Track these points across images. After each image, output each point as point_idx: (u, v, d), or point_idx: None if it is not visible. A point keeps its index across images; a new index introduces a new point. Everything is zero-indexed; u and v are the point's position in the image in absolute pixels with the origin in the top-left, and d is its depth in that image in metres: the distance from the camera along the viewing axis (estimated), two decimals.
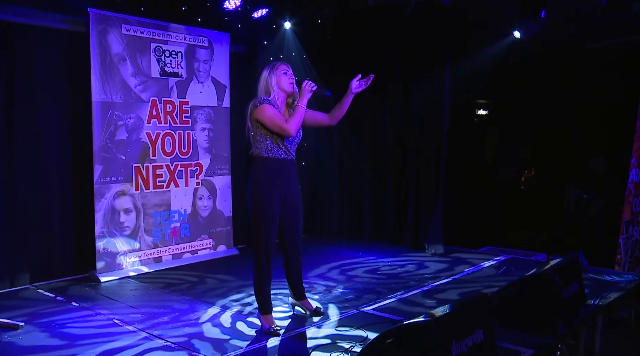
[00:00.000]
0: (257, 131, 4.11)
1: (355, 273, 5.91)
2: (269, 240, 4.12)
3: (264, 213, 4.09)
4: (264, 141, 4.10)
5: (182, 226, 6.44)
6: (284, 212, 4.22)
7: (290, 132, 4.03)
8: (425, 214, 6.94)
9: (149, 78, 6.06)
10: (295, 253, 4.40)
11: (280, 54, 7.23)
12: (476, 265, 6.18)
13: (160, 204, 6.22)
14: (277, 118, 4.04)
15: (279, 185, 4.14)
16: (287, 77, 4.17)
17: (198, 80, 6.54)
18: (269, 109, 4.05)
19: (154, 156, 6.13)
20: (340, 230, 7.83)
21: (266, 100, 4.08)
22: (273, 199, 4.10)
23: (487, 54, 6.72)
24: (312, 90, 4.12)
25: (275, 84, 4.13)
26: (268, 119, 4.03)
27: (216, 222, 6.80)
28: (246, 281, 5.52)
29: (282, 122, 4.03)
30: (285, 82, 4.16)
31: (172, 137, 6.30)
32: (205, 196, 6.67)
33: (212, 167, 6.72)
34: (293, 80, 4.20)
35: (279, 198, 4.14)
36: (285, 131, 4.03)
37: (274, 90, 4.12)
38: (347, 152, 7.63)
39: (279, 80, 4.14)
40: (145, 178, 6.08)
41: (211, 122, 6.67)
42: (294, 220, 4.30)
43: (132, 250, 5.99)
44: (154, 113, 6.13)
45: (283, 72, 4.16)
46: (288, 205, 4.23)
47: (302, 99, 4.10)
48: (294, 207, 4.27)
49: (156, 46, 6.14)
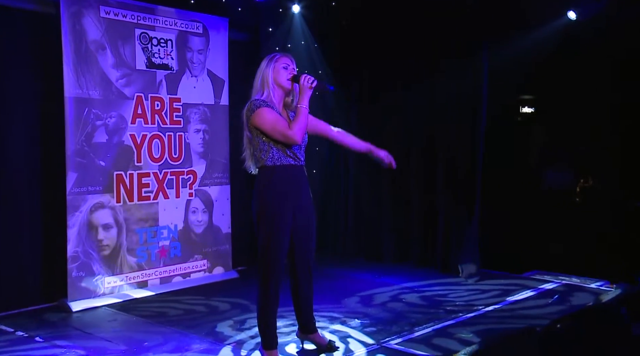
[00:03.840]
0: (259, 139, 4.16)
1: (376, 301, 5.96)
2: (277, 261, 4.15)
3: (272, 230, 4.12)
4: (269, 150, 4.15)
5: (171, 244, 6.46)
6: (295, 227, 4.25)
7: (295, 139, 4.09)
8: (457, 231, 6.92)
9: (133, 70, 6.06)
10: (306, 276, 4.40)
11: (288, 43, 7.27)
12: (520, 292, 6.20)
13: (146, 219, 6.23)
14: (279, 124, 4.09)
15: (290, 195, 4.19)
16: (287, 73, 4.21)
17: (191, 74, 6.56)
18: (268, 114, 4.10)
19: (139, 162, 6.14)
20: (357, 249, 7.88)
21: (263, 103, 4.13)
22: (284, 212, 4.15)
23: (534, 40, 6.65)
24: (312, 86, 4.15)
25: (272, 79, 4.18)
26: (269, 125, 4.09)
27: (212, 240, 6.81)
28: (247, 310, 5.59)
29: (285, 128, 4.08)
30: (283, 78, 4.21)
31: (161, 140, 6.31)
32: (200, 209, 6.69)
33: (207, 175, 6.73)
34: (290, 76, 4.25)
35: (290, 211, 4.19)
36: (290, 139, 4.09)
37: (269, 86, 4.18)
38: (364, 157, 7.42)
39: (276, 75, 4.19)
40: (128, 188, 6.07)
41: (207, 122, 6.69)
42: (305, 236, 4.33)
43: (111, 273, 5.97)
44: (139, 111, 6.13)
45: (283, 66, 4.21)
46: (300, 219, 4.27)
47: (302, 98, 4.14)
48: (307, 220, 4.32)
49: (141, 33, 6.13)
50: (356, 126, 7.49)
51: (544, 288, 6.33)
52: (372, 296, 6.13)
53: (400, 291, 6.27)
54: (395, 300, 5.97)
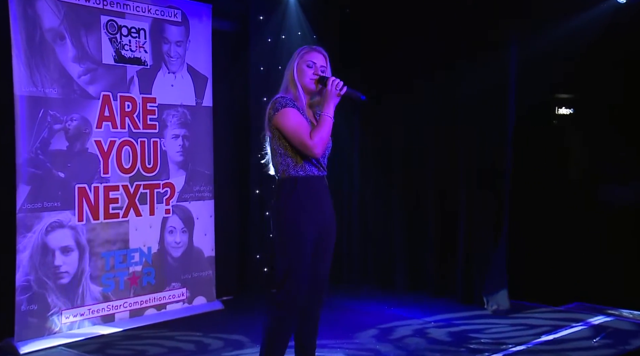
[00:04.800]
0: (281, 142, 4.04)
1: (388, 336, 5.86)
2: (300, 288, 4.04)
3: (297, 253, 4.02)
4: (292, 155, 4.04)
5: (144, 270, 6.24)
6: (315, 250, 4.16)
7: (314, 151, 3.97)
8: (482, 254, 6.69)
9: (98, 65, 5.83)
10: (317, 306, 4.26)
11: (282, 34, 7.12)
12: (559, 328, 6.01)
13: (115, 240, 6.01)
14: (301, 129, 3.97)
15: (315, 211, 4.09)
16: (311, 72, 4.08)
17: (168, 69, 6.34)
18: (293, 116, 3.98)
19: (106, 173, 5.91)
20: (365, 275, 7.71)
21: (290, 102, 4.02)
22: (308, 232, 4.05)
23: (573, 29, 6.38)
24: (340, 93, 4.02)
25: (297, 78, 4.09)
26: (290, 129, 3.98)
27: (193, 265, 6.59)
28: (237, 348, 5.50)
29: (306, 136, 3.96)
30: (306, 78, 4.09)
31: (132, 147, 6.09)
32: (178, 229, 6.49)
33: (188, 188, 6.52)
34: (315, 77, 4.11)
35: (316, 229, 4.10)
36: (309, 149, 3.97)
37: (295, 84, 4.09)
38: (372, 167, 7.58)
39: (299, 73, 4.09)
40: (93, 204, 5.83)
41: (187, 126, 6.47)
42: (323, 258, 4.23)
43: (70, 305, 5.71)
44: (107, 114, 5.91)
45: (307, 63, 4.09)
46: (323, 238, 4.17)
47: (327, 106, 4.02)
48: (329, 239, 4.22)
49: (109, 20, 5.88)
50: (359, 129, 7.43)
51: (589, 324, 6.17)
52: (382, 330, 6.03)
53: (415, 325, 6.18)
54: (409, 336, 5.87)
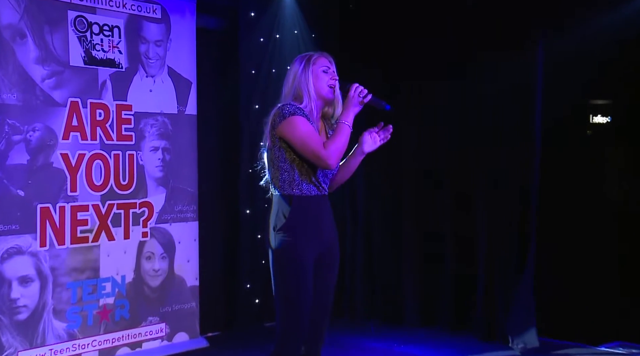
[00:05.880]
0: (281, 154, 3.95)
1: None
2: (302, 322, 3.96)
3: (296, 282, 3.95)
4: (290, 171, 3.96)
5: (117, 303, 5.93)
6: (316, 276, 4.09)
7: (328, 162, 3.89)
8: (505, 285, 6.42)
9: (65, 67, 5.59)
10: (318, 343, 4.16)
11: (276, 32, 6.90)
12: None
13: (83, 268, 5.70)
14: (312, 139, 3.88)
15: (314, 234, 4.00)
16: (328, 77, 4.01)
17: (147, 73, 6.11)
18: (302, 124, 3.88)
19: (73, 191, 5.64)
20: (369, 308, 7.42)
21: (298, 110, 3.91)
22: (309, 256, 3.97)
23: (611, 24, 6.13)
24: (363, 101, 3.93)
25: (312, 87, 3.99)
26: (299, 139, 3.88)
27: (174, 296, 6.31)
28: None
29: (319, 146, 3.87)
30: (323, 84, 4.00)
31: (105, 161, 5.84)
32: (157, 254, 6.20)
33: (168, 208, 6.26)
34: (335, 82, 4.02)
35: (316, 255, 4.02)
36: (322, 160, 3.87)
37: (309, 94, 3.99)
38: (378, 186, 7.33)
39: (316, 80, 3.99)
40: (58, 226, 5.56)
41: (168, 138, 6.24)
42: (325, 288, 4.14)
43: (29, 345, 5.43)
44: (75, 123, 5.66)
45: (322, 69, 4.01)
46: (322, 264, 4.08)
47: (347, 114, 3.94)
48: (331, 266, 4.13)
49: (77, 16, 5.63)
50: None
51: None
52: None
53: None
54: None
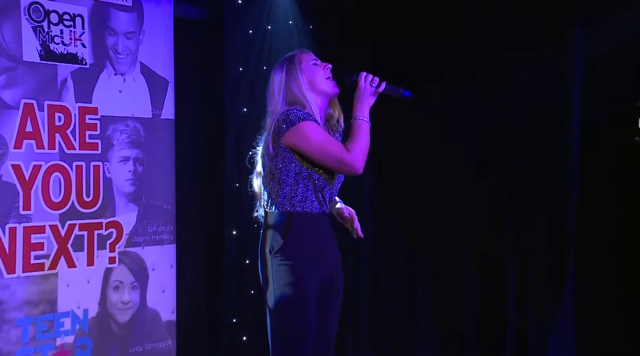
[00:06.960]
0: (284, 166, 3.83)
1: None
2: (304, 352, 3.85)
3: (297, 316, 3.83)
4: (294, 185, 3.84)
5: (77, 342, 5.53)
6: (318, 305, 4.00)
7: (356, 166, 3.79)
8: (539, 316, 6.11)
9: (17, 63, 5.28)
10: None
11: (268, 24, 6.63)
12: None
13: (37, 301, 5.33)
14: (332, 144, 3.81)
15: (317, 257, 3.89)
16: (322, 70, 3.92)
17: (115, 70, 5.77)
18: (317, 130, 3.79)
19: (26, 209, 5.28)
20: (377, 341, 7.00)
21: (307, 115, 3.83)
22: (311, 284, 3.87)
23: None
24: (377, 91, 3.85)
25: (307, 88, 3.87)
26: (317, 147, 3.78)
27: (146, 333, 5.93)
28: None
29: (342, 151, 3.79)
30: (321, 79, 3.90)
31: (65, 174, 5.46)
32: (127, 284, 5.86)
33: (140, 229, 5.91)
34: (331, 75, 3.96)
35: (318, 281, 3.91)
36: (349, 166, 3.79)
37: (306, 98, 3.87)
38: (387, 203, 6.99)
39: (312, 78, 3.88)
40: (7, 251, 5.20)
41: (140, 146, 5.90)
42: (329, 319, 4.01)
43: None
44: (29, 128, 5.33)
45: (312, 62, 3.93)
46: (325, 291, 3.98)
47: (361, 108, 3.86)
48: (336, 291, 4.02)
49: (32, 3, 5.32)
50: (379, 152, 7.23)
51: None
52: None
53: None
54: None
